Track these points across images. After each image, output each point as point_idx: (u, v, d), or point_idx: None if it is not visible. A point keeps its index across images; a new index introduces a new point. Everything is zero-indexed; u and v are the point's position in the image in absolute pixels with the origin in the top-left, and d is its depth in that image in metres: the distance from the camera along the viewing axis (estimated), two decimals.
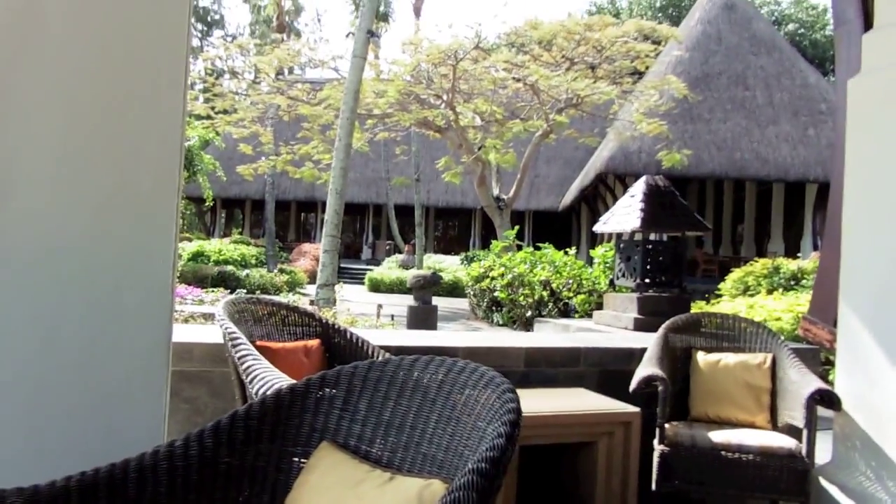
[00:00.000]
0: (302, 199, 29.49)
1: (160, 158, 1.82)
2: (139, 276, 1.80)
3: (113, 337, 1.79)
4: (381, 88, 15.49)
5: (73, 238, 1.73)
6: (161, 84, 1.81)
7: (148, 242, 1.81)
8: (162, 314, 1.84)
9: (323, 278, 10.24)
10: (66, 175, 1.73)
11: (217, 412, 3.23)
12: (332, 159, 14.40)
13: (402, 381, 1.60)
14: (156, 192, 1.81)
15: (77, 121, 1.73)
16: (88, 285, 1.75)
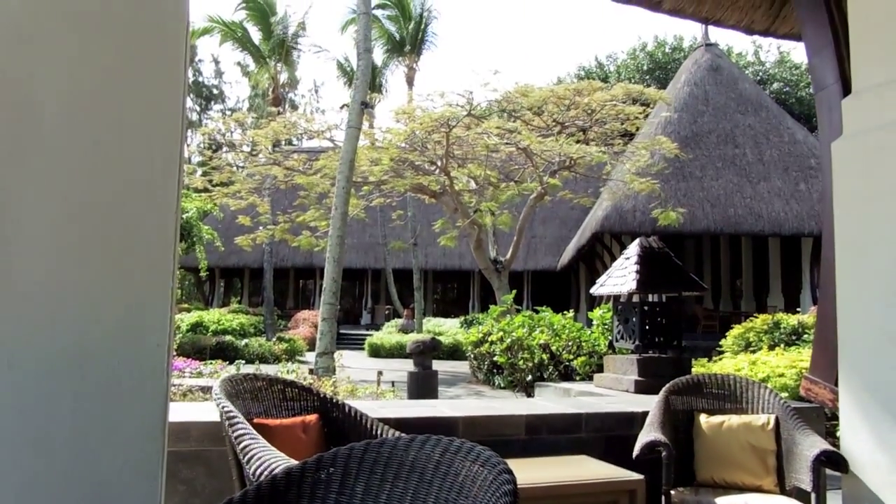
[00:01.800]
0: (300, 266, 29.57)
1: (154, 240, 1.83)
2: (133, 357, 1.79)
3: (106, 421, 1.76)
4: (376, 156, 15.74)
5: (65, 318, 1.73)
6: (156, 163, 1.83)
7: (142, 322, 1.80)
8: (157, 396, 1.82)
9: (322, 346, 10.18)
10: (60, 254, 1.74)
11: (214, 493, 3.17)
12: (328, 227, 14.51)
13: (399, 462, 1.58)
14: (150, 270, 1.81)
15: (71, 201, 1.75)
16: (80, 367, 1.74)
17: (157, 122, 1.83)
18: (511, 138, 15.47)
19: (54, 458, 1.70)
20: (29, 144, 1.71)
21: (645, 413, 3.63)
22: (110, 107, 1.79)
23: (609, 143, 17.07)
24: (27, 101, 1.73)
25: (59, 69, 1.76)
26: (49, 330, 1.71)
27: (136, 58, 1.82)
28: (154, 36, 1.84)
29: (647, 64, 37.65)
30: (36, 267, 1.71)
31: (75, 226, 1.74)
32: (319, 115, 30.91)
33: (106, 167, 1.77)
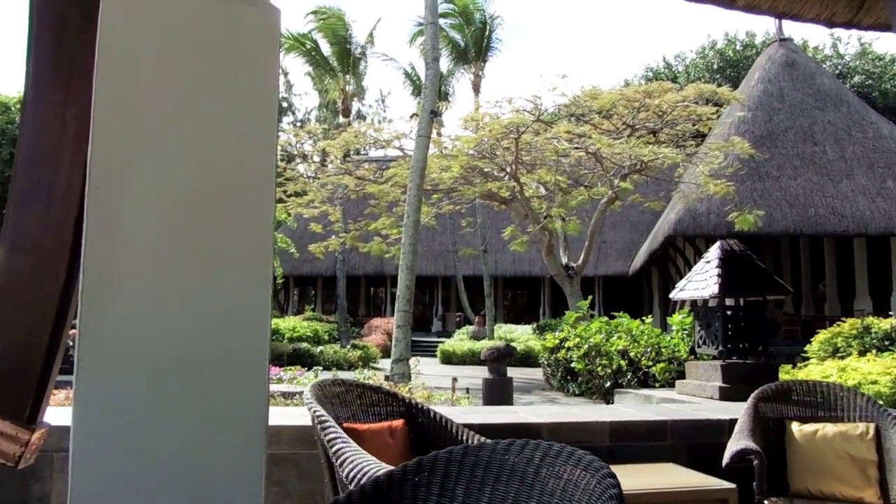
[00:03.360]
0: (371, 273, 29.99)
1: (253, 250, 1.90)
2: (236, 363, 1.86)
3: (211, 423, 1.84)
4: (446, 164, 15.85)
5: (174, 328, 1.82)
6: (253, 179, 1.90)
7: (244, 329, 1.87)
8: (258, 400, 1.89)
9: (397, 353, 10.30)
10: (168, 268, 1.83)
11: (305, 495, 3.26)
12: (399, 234, 14.69)
13: (499, 465, 1.60)
14: (250, 280, 1.88)
15: (177, 219, 1.84)
16: (187, 372, 1.82)
17: (253, 140, 1.90)
18: (580, 142, 15.34)
19: (164, 457, 1.79)
20: (136, 163, 1.81)
21: (732, 421, 3.54)
22: (210, 125, 1.88)
23: (681, 144, 16.72)
24: (135, 119, 1.83)
25: (163, 89, 1.86)
26: (157, 336, 1.80)
27: (233, 77, 1.90)
28: (249, 56, 1.92)
29: (718, 62, 36.67)
30: (144, 278, 1.80)
31: (179, 238, 1.83)
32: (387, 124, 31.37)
33: (207, 183, 1.86)
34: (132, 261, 1.79)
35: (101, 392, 1.76)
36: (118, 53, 1.82)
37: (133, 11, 1.85)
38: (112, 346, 1.77)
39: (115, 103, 1.81)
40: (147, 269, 1.80)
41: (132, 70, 1.83)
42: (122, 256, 1.78)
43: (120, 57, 1.82)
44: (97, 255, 1.76)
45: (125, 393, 1.77)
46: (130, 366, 1.78)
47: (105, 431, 1.76)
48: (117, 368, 1.77)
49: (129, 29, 1.84)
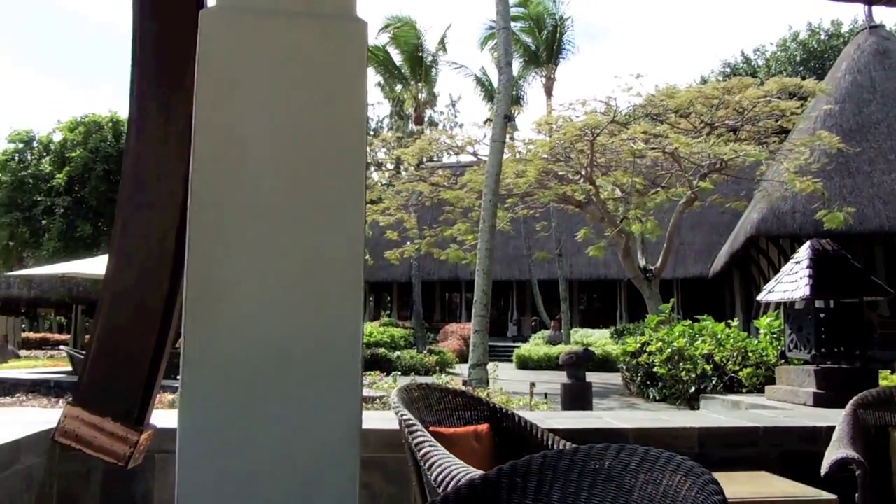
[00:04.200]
0: (446, 279, 30.14)
1: (346, 258, 1.94)
2: (330, 366, 1.90)
3: (308, 425, 1.89)
4: (520, 169, 15.80)
5: (272, 334, 1.88)
6: (344, 191, 1.95)
7: (338, 334, 1.92)
8: (353, 402, 1.93)
9: (474, 358, 10.32)
10: (264, 278, 1.90)
11: (392, 498, 3.31)
12: (474, 240, 14.72)
13: (594, 470, 1.59)
14: (343, 287, 1.92)
15: (273, 229, 1.91)
16: (285, 375, 1.88)
17: (344, 151, 1.95)
18: (657, 143, 15.02)
19: (263, 458, 1.85)
20: (234, 175, 1.89)
21: (829, 428, 3.39)
22: (304, 137, 1.94)
23: (763, 141, 16.14)
24: (233, 134, 1.91)
25: (258, 104, 1.93)
26: (256, 342, 1.87)
27: (325, 90, 1.96)
28: (340, 69, 1.97)
29: (801, 54, 35.26)
30: (244, 286, 1.87)
31: (276, 248, 1.90)
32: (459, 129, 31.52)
33: (301, 194, 1.92)
34: (232, 270, 1.86)
35: (204, 395, 1.84)
36: (216, 71, 1.90)
37: (229, 30, 1.93)
38: (214, 351, 1.84)
39: (213, 119, 1.90)
40: (246, 278, 1.87)
41: (229, 86, 1.91)
42: (222, 266, 1.86)
43: (218, 74, 1.90)
44: (200, 265, 1.84)
45: (226, 396, 1.84)
46: (231, 370, 1.85)
47: (208, 433, 1.84)
48: (219, 373, 1.84)
49: (225, 47, 1.93)
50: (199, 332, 1.83)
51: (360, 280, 1.95)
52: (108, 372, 2.07)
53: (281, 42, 1.95)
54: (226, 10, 1.97)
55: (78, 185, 19.38)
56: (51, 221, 18.88)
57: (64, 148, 19.93)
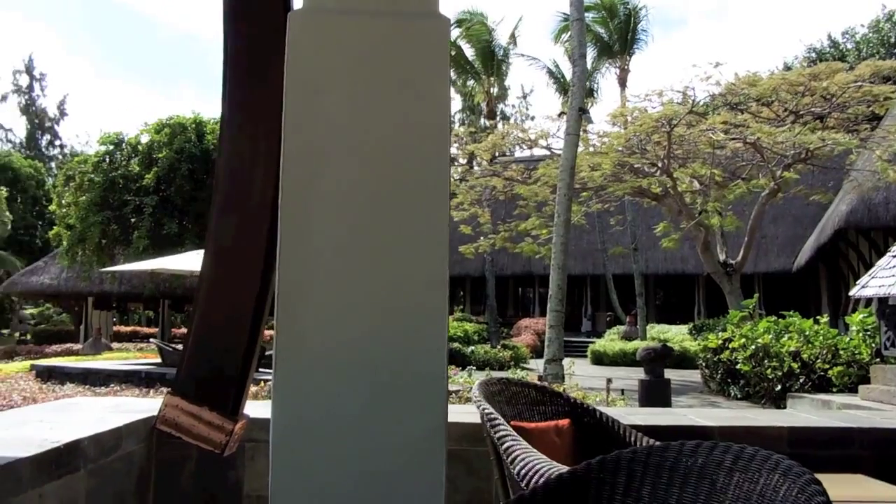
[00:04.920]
0: (519, 273, 30.01)
1: (431, 254, 1.96)
2: (416, 360, 1.93)
3: (394, 418, 1.92)
4: (595, 161, 15.58)
5: (360, 328, 1.92)
6: (429, 187, 1.97)
7: (423, 328, 1.94)
8: (438, 396, 1.95)
9: (550, 353, 10.25)
10: (352, 275, 1.94)
11: (474, 491, 3.33)
12: (549, 234, 14.60)
13: (686, 467, 1.56)
14: (428, 281, 1.94)
15: (361, 226, 1.94)
16: (372, 369, 1.91)
17: (429, 148, 1.96)
18: (738, 133, 14.53)
19: (352, 449, 1.90)
20: (323, 174, 1.93)
21: None
22: (390, 136, 1.96)
23: (853, 129, 15.39)
24: (321, 134, 1.95)
25: (345, 103, 1.97)
26: (345, 336, 1.91)
27: (409, 88, 1.98)
28: (423, 67, 1.99)
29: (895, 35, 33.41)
30: (333, 282, 1.92)
31: (364, 244, 1.93)
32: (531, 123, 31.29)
33: (387, 191, 1.94)
34: (321, 266, 1.91)
35: (295, 389, 1.89)
36: (304, 71, 1.95)
37: (316, 31, 1.98)
38: (304, 347, 1.90)
39: (301, 118, 1.95)
40: (335, 274, 1.91)
41: (317, 86, 1.96)
42: (312, 262, 1.91)
43: (305, 74, 1.95)
44: (290, 262, 1.90)
45: (316, 390, 1.89)
46: (321, 365, 1.90)
47: (300, 425, 1.89)
48: (310, 366, 1.90)
49: (312, 47, 1.97)
50: (291, 328, 1.88)
51: (445, 275, 1.97)
52: (205, 364, 2.16)
53: (366, 41, 1.98)
54: (312, 12, 2.01)
55: (164, 184, 20.20)
56: (140, 220, 19.75)
57: (151, 149, 20.82)
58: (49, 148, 56.05)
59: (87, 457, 2.65)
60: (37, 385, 11.37)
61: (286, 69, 1.94)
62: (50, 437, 2.55)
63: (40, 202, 41.01)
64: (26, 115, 55.46)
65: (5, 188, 37.73)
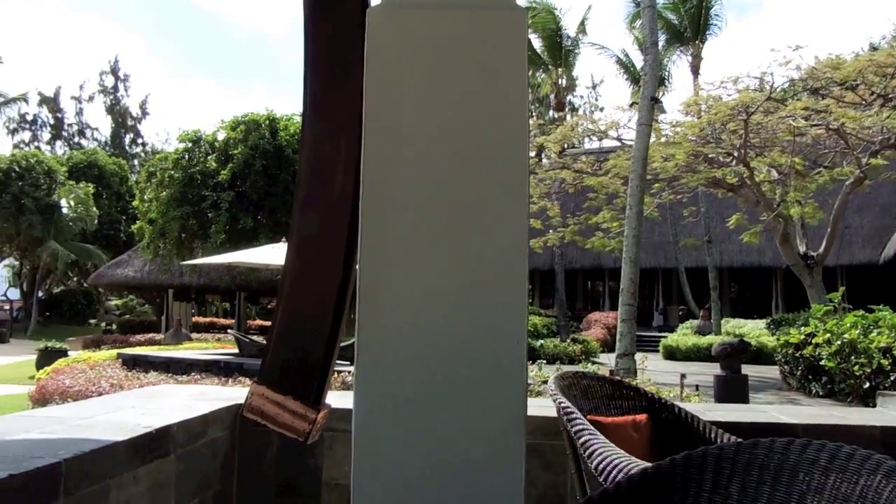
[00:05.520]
0: (588, 267, 29.66)
1: (510, 247, 1.95)
2: (497, 353, 1.93)
3: (475, 411, 1.93)
4: (668, 152, 15.21)
5: (440, 321, 1.94)
6: (506, 181, 1.96)
7: (504, 321, 1.94)
8: (518, 389, 1.95)
9: (621, 348, 10.10)
10: (431, 268, 1.95)
11: (549, 485, 3.32)
12: (620, 227, 14.35)
13: (777, 465, 1.52)
14: (508, 276, 1.94)
15: (440, 220, 1.95)
16: (453, 363, 1.92)
17: (507, 142, 1.96)
18: (820, 119, 13.93)
19: (433, 440, 1.92)
20: (403, 168, 1.95)
21: None
22: (468, 130, 1.97)
23: None
24: (400, 128, 1.98)
25: (424, 98, 1.98)
26: (425, 328, 1.93)
27: (487, 81, 1.98)
28: (501, 60, 1.98)
29: None
30: (413, 275, 1.94)
31: (443, 238, 1.94)
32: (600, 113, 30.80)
33: (466, 185, 1.95)
34: (402, 259, 1.94)
35: (377, 381, 1.92)
36: (383, 66, 1.98)
37: (395, 26, 2.00)
38: (386, 337, 1.93)
39: (381, 113, 1.97)
40: (415, 266, 1.94)
41: (396, 81, 1.98)
42: (392, 255, 1.94)
43: (384, 69, 1.98)
44: (371, 254, 1.93)
45: (397, 382, 1.92)
46: (402, 355, 1.92)
47: (381, 416, 1.92)
48: (390, 357, 1.92)
49: (391, 43, 1.99)
50: (372, 320, 1.91)
51: (525, 268, 1.97)
52: (290, 354, 2.22)
53: (444, 34, 1.99)
54: (390, 7, 2.04)
55: (240, 180, 20.79)
56: (217, 215, 20.39)
57: (227, 146, 21.46)
58: (132, 146, 58.52)
59: (176, 442, 2.76)
60: (123, 373, 11.91)
61: (365, 65, 1.97)
62: (142, 422, 2.67)
63: (124, 198, 42.85)
64: (111, 114, 58.05)
65: (92, 185, 39.63)
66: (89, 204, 38.56)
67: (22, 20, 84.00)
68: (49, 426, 2.54)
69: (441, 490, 1.91)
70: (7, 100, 37.37)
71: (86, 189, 38.53)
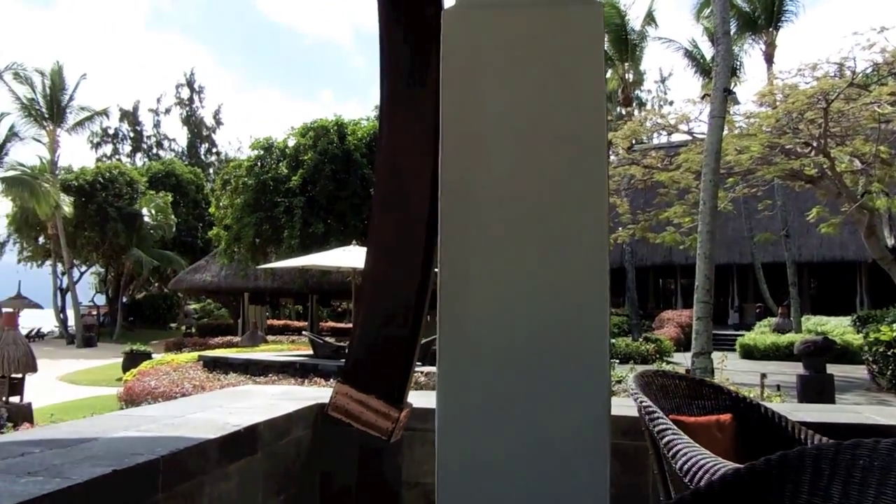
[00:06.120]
0: (659, 264, 29.05)
1: (590, 245, 1.93)
2: (579, 350, 1.90)
3: (557, 407, 1.91)
4: (742, 144, 14.73)
5: (522, 320, 1.93)
6: (586, 176, 1.94)
7: (586, 318, 1.91)
8: (601, 386, 1.92)
9: (698, 346, 9.85)
10: (512, 267, 1.95)
11: (629, 485, 3.28)
12: (692, 222, 13.99)
13: (882, 467, 1.46)
14: (589, 271, 1.91)
15: (520, 219, 1.94)
16: (535, 358, 1.91)
17: (586, 139, 1.93)
18: None
19: (517, 441, 1.91)
20: (481, 168, 1.96)
21: None
22: (546, 127, 1.95)
23: None
24: (478, 127, 1.98)
25: (502, 96, 1.98)
26: (507, 328, 1.92)
27: (565, 78, 1.96)
28: (579, 56, 1.96)
29: None
30: (493, 274, 1.93)
31: (523, 237, 1.93)
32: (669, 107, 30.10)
33: (546, 183, 1.93)
34: (481, 259, 1.94)
35: (459, 379, 1.93)
36: (459, 67, 1.99)
37: (470, 27, 2.01)
38: (467, 338, 1.93)
39: (458, 113, 1.98)
40: (495, 266, 1.94)
41: (472, 81, 1.99)
42: (472, 255, 1.94)
43: (461, 70, 1.99)
44: (451, 256, 1.94)
45: (480, 380, 1.92)
46: (484, 355, 1.93)
47: (464, 415, 1.93)
48: (472, 359, 1.93)
49: (466, 43, 2.00)
50: (453, 320, 1.92)
51: (606, 267, 1.94)
52: (372, 354, 2.25)
53: (520, 33, 1.99)
54: (465, 7, 2.04)
55: (310, 185, 21.25)
56: (289, 220, 20.90)
57: (297, 152, 21.98)
58: (207, 155, 60.55)
59: (263, 440, 2.84)
60: (204, 374, 12.35)
61: (441, 66, 1.99)
62: (231, 420, 2.76)
63: (200, 206, 44.40)
64: (187, 125, 60.22)
65: (170, 194, 41.21)
66: (168, 212, 40.14)
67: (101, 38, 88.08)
68: (145, 424, 2.66)
69: (525, 490, 1.91)
70: (91, 114, 39.20)
71: (164, 198, 40.12)
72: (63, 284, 40.83)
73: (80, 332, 35.55)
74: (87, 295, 46.85)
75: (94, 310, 45.32)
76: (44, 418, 11.08)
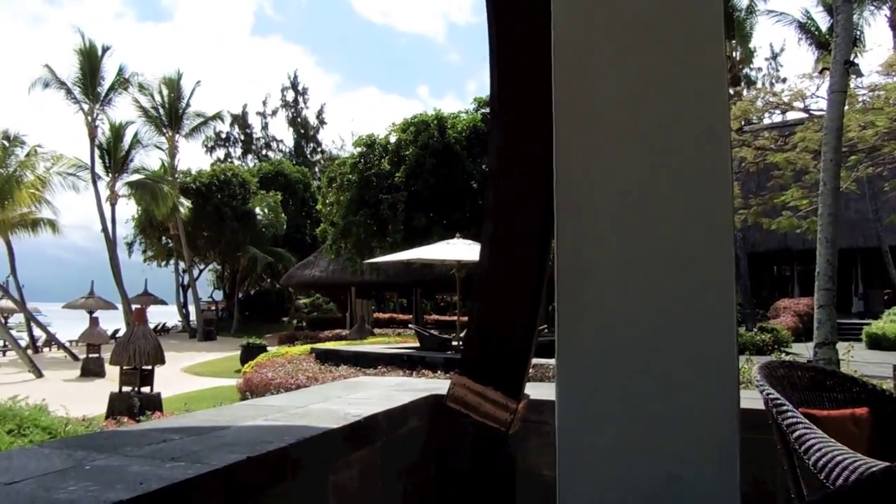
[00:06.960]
0: (774, 250, 27.65)
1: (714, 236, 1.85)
2: (705, 342, 1.83)
3: (683, 402, 1.85)
4: (867, 119, 13.78)
5: (641, 314, 1.88)
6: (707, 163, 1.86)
7: (712, 308, 1.84)
8: (729, 380, 1.85)
9: (820, 336, 9.31)
10: (631, 259, 1.89)
11: (755, 482, 3.15)
12: (810, 205, 13.24)
13: None
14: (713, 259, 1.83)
15: (638, 211, 1.88)
16: (660, 352, 1.85)
17: (707, 129, 1.84)
18: None
19: (638, 437, 1.86)
20: (597, 160, 1.91)
21: None
22: (664, 116, 1.88)
23: None
24: (593, 119, 1.94)
25: (615, 85, 1.93)
26: (627, 321, 1.87)
27: (682, 63, 1.89)
28: (697, 41, 1.89)
29: None
30: (612, 266, 1.88)
31: (642, 227, 1.87)
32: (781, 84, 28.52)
33: (665, 172, 1.86)
34: (600, 250, 1.89)
35: (579, 373, 1.91)
36: (572, 52, 1.95)
37: (581, 10, 1.97)
38: (585, 331, 1.89)
39: (572, 101, 1.94)
40: (615, 257, 1.89)
41: (585, 67, 1.95)
42: (590, 246, 1.90)
43: (573, 56, 1.95)
44: (568, 247, 1.91)
45: (600, 374, 1.89)
46: (604, 348, 1.89)
47: (585, 408, 1.90)
48: (592, 352, 1.89)
49: (578, 27, 1.96)
50: (571, 313, 1.89)
51: (731, 256, 1.86)
52: (489, 346, 2.27)
53: (634, 13, 1.93)
54: None
55: (412, 180, 21.57)
56: (393, 214, 21.31)
57: (399, 147, 22.36)
58: (312, 154, 62.56)
59: (381, 430, 2.92)
60: (316, 366, 12.80)
61: (553, 53, 1.95)
62: (351, 411, 2.85)
63: (307, 203, 45.94)
64: (293, 126, 62.45)
65: (280, 193, 42.90)
66: (279, 210, 41.82)
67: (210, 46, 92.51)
68: (271, 414, 2.78)
69: (651, 487, 1.87)
70: (206, 119, 41.30)
71: (275, 197, 41.81)
72: (184, 282, 43.39)
73: (201, 326, 37.70)
74: (205, 291, 49.54)
75: (212, 305, 47.92)
76: (172, 407, 11.83)
